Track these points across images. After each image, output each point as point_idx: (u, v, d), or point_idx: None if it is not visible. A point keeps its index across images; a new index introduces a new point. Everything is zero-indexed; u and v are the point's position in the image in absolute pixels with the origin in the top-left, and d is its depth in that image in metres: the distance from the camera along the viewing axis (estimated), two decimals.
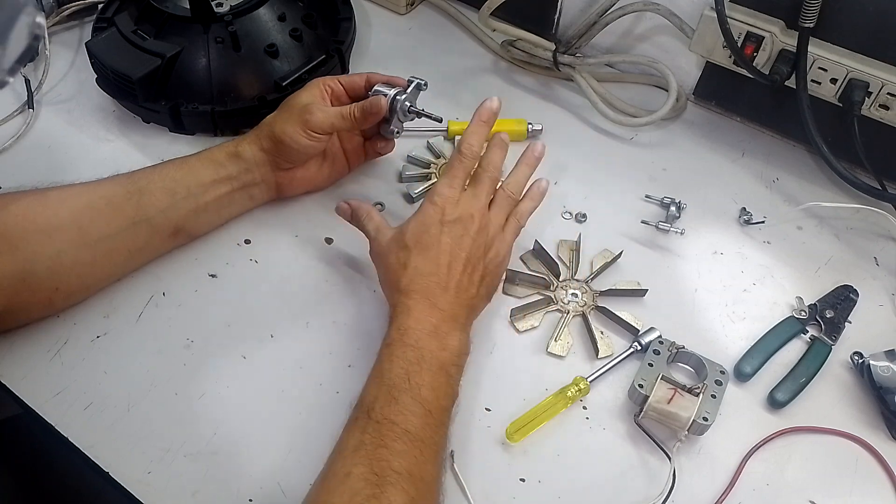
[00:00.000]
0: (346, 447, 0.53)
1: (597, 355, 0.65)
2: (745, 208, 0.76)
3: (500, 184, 0.67)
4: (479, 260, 0.63)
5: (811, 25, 0.69)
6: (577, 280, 0.71)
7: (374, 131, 0.74)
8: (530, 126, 0.81)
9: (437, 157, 0.79)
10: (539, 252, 0.71)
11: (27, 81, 0.83)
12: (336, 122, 0.67)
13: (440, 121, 0.71)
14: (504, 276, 0.69)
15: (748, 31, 0.73)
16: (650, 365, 0.62)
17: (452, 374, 0.59)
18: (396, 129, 0.72)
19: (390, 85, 0.70)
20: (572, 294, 0.70)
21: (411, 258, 0.61)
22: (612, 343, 0.66)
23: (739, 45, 0.74)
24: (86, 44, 0.79)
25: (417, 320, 0.58)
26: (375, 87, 0.70)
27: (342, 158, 0.75)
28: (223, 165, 0.68)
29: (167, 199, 0.65)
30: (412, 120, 0.71)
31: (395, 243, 0.62)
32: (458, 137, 0.80)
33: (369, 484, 0.50)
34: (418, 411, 0.54)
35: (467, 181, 0.65)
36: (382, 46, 0.92)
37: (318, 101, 0.69)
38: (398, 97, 0.69)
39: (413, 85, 0.70)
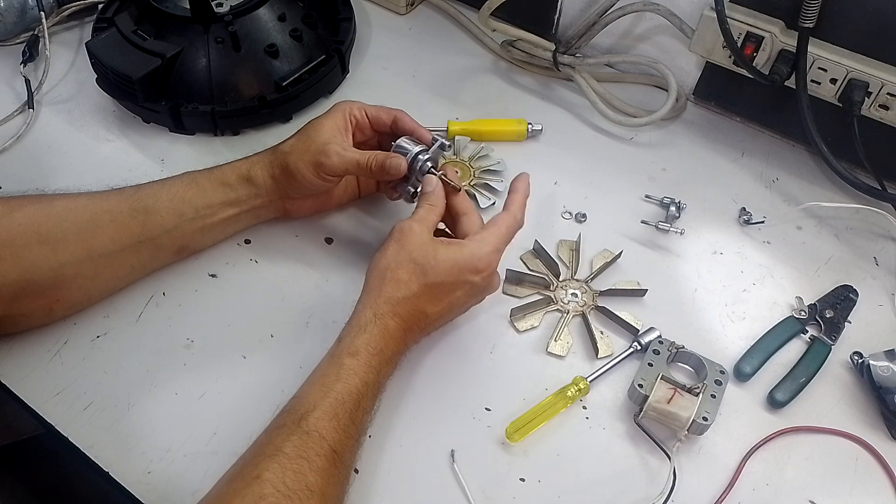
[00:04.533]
0: (262, 452, 0.51)
1: (597, 355, 0.65)
2: (744, 208, 0.76)
3: None
4: (462, 312, 0.65)
5: (811, 25, 0.69)
6: (577, 280, 0.71)
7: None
8: (530, 126, 0.81)
9: None
10: (539, 252, 0.71)
11: (27, 81, 0.83)
12: (351, 169, 0.65)
13: (458, 190, 0.65)
14: (504, 276, 0.69)
15: (748, 31, 0.73)
16: (650, 365, 0.62)
17: (380, 398, 0.59)
18: (412, 189, 0.67)
19: (414, 139, 0.67)
20: (572, 294, 0.70)
21: (419, 285, 0.59)
22: (611, 343, 0.66)
23: (739, 45, 0.74)
24: (86, 44, 0.79)
25: (387, 345, 0.57)
26: (398, 143, 0.66)
27: (354, 188, 0.74)
28: (233, 188, 0.67)
29: (174, 219, 0.65)
30: None
31: (421, 254, 0.59)
32: (458, 138, 0.80)
33: (278, 492, 0.48)
34: (353, 434, 0.54)
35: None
36: (382, 46, 0.92)
37: (338, 136, 0.66)
38: (420, 156, 0.65)
39: (437, 144, 0.67)
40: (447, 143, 0.69)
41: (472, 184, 0.77)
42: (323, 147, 0.64)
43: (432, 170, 0.66)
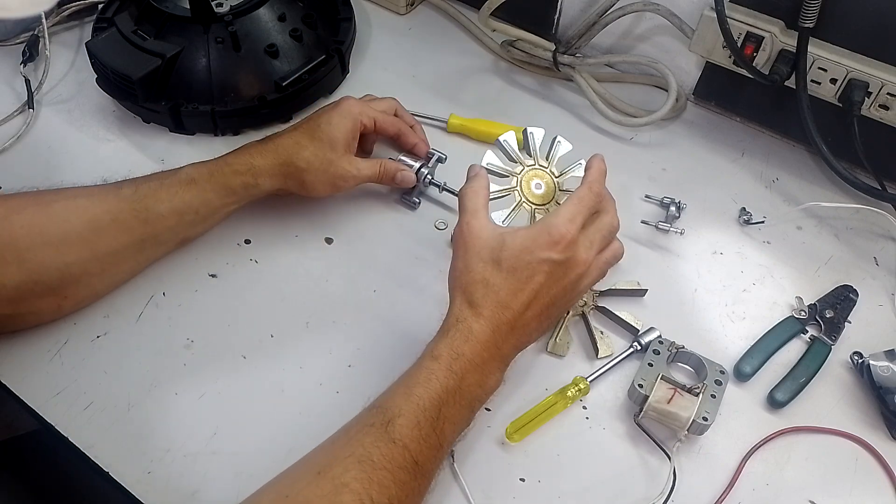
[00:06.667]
0: (351, 452, 0.50)
1: (597, 355, 0.65)
2: (744, 208, 0.76)
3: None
4: (556, 308, 0.59)
5: (811, 25, 0.69)
6: None
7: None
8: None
9: (514, 161, 0.65)
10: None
11: (27, 81, 0.83)
12: (362, 181, 0.71)
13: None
14: None
15: (748, 31, 0.73)
16: (650, 365, 0.62)
17: (475, 411, 0.57)
18: (418, 200, 0.75)
19: (413, 155, 0.75)
20: None
21: (497, 277, 0.56)
22: (612, 343, 0.66)
23: (739, 45, 0.74)
24: (86, 44, 0.79)
25: (473, 350, 0.55)
26: (401, 158, 0.74)
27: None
28: (236, 192, 0.67)
29: (175, 219, 0.65)
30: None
31: (489, 249, 0.56)
32: (557, 141, 0.67)
33: None
34: (433, 444, 0.52)
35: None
36: (382, 46, 0.92)
37: (350, 152, 0.69)
38: (422, 170, 0.74)
39: (434, 158, 0.75)
40: (444, 156, 0.76)
41: (547, 204, 0.64)
42: (341, 172, 0.69)
43: (433, 182, 0.75)
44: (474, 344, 0.55)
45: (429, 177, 0.74)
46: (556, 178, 0.65)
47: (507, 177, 0.63)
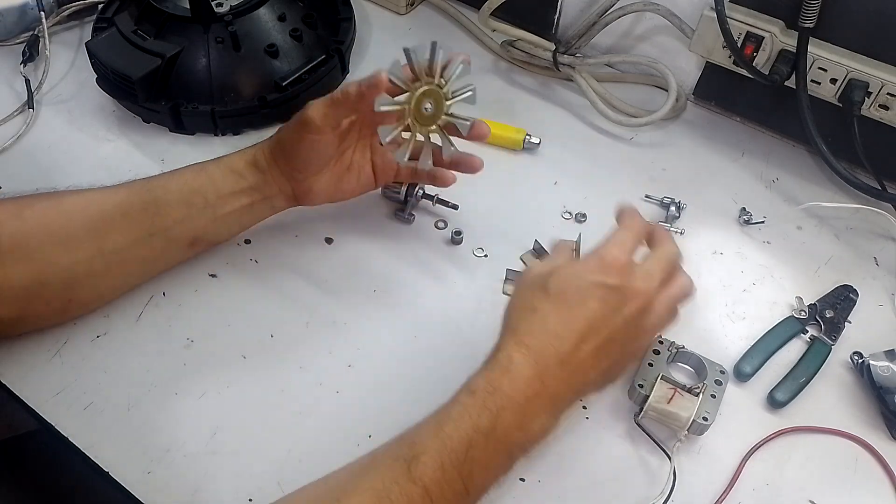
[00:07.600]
0: (371, 486, 0.46)
1: None
2: (744, 208, 0.76)
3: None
4: (619, 346, 0.52)
5: (811, 25, 0.69)
6: None
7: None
8: (528, 138, 0.80)
9: (416, 80, 0.59)
10: (539, 252, 0.71)
11: (27, 81, 0.83)
12: (330, 112, 0.59)
13: (456, 208, 0.73)
14: (505, 277, 0.69)
15: (748, 31, 0.73)
16: (650, 365, 0.62)
17: (514, 459, 0.50)
18: (413, 214, 0.74)
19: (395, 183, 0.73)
20: None
21: (544, 303, 0.51)
22: None
23: (739, 45, 0.74)
24: (86, 44, 0.79)
25: (512, 384, 0.48)
26: (382, 188, 0.73)
27: (368, 172, 0.69)
28: (243, 176, 0.64)
29: (184, 210, 0.63)
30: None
31: (538, 276, 0.52)
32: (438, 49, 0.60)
33: None
34: (457, 490, 0.47)
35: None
36: (382, 46, 0.92)
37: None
38: (410, 189, 0.72)
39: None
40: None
41: (438, 125, 0.62)
42: (305, 106, 0.61)
43: (426, 195, 0.73)
44: (514, 377, 0.48)
45: (420, 191, 0.72)
46: (441, 89, 0.60)
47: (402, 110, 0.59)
